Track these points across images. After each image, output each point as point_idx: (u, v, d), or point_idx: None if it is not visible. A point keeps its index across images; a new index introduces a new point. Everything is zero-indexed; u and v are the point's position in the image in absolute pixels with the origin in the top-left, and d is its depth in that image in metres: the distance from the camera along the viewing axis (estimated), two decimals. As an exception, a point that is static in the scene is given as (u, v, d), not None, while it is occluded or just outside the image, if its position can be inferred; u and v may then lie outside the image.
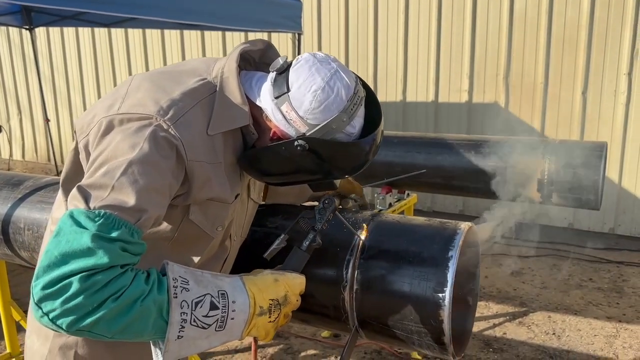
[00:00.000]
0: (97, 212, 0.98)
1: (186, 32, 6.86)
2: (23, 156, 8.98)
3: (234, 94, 1.18)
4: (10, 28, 7.74)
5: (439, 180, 3.06)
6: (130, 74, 7.64)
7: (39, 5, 3.87)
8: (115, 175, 1.02)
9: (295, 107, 1.14)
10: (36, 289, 0.94)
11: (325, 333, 3.32)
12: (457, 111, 5.53)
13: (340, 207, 1.57)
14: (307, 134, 1.15)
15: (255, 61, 1.33)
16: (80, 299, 0.93)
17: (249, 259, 1.48)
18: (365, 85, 1.25)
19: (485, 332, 3.41)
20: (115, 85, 7.81)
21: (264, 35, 6.32)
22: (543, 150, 2.74)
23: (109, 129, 1.10)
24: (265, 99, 1.19)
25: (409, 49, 5.67)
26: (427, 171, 3.04)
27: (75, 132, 1.22)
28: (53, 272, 0.94)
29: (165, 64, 7.27)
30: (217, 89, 1.19)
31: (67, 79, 8.24)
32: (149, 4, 3.79)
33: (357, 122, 1.18)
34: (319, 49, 6.10)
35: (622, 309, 3.73)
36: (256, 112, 1.21)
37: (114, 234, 0.97)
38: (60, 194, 1.27)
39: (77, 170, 1.22)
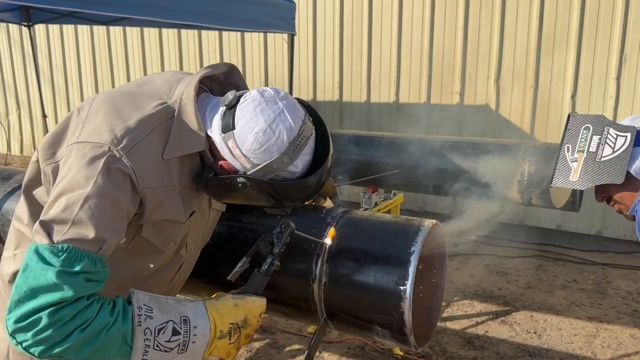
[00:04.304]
0: (60, 246, 1.05)
1: (183, 30, 6.93)
2: (21, 151, 9.04)
3: (191, 120, 1.21)
4: (10, 24, 7.80)
5: (423, 181, 3.13)
6: (128, 71, 7.71)
7: (34, 5, 3.93)
8: (73, 210, 1.08)
9: (239, 145, 1.17)
10: (9, 322, 1.04)
11: (310, 328, 3.39)
12: (448, 113, 5.59)
13: (313, 204, 1.63)
14: (249, 172, 1.20)
15: (220, 81, 1.37)
16: (49, 332, 1.03)
17: (224, 253, 1.57)
18: (316, 120, 1.27)
19: (467, 330, 3.48)
20: (112, 80, 7.87)
21: (259, 36, 6.39)
22: (523, 152, 2.81)
23: (68, 156, 1.16)
24: (215, 130, 1.22)
25: (402, 51, 5.73)
26: (411, 172, 3.12)
27: (38, 149, 1.26)
28: (23, 307, 1.03)
29: (162, 61, 7.33)
30: (176, 114, 1.22)
31: (65, 75, 8.30)
32: (144, 4, 3.86)
33: (301, 162, 1.21)
34: (314, 49, 6.17)
35: (604, 310, 3.80)
36: (210, 139, 1.25)
37: (77, 267, 1.05)
38: (22, 198, 1.33)
39: (38, 181, 1.28)
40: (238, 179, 1.20)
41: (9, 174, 2.05)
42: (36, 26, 6.41)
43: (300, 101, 1.27)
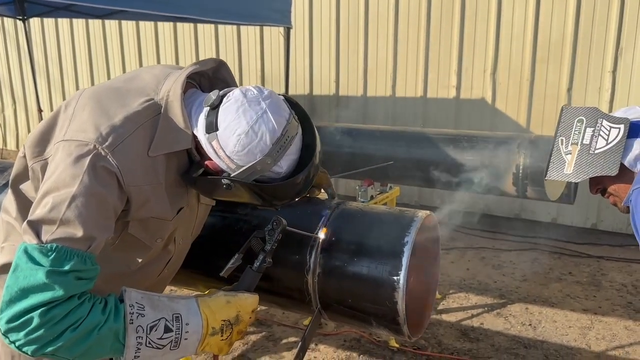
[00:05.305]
0: (49, 246, 1.05)
1: (179, 24, 6.91)
2: (17, 146, 9.02)
3: (177, 118, 1.20)
4: (5, 18, 7.75)
5: (419, 173, 3.14)
6: (123, 64, 7.69)
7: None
8: (61, 210, 1.07)
9: (222, 146, 1.17)
10: (1, 322, 1.04)
11: (307, 321, 3.40)
12: (445, 107, 5.60)
13: (307, 195, 1.63)
14: (233, 174, 1.19)
15: (209, 76, 1.36)
16: (41, 331, 1.03)
17: (218, 245, 1.58)
18: (303, 117, 1.26)
19: (462, 322, 3.50)
20: (108, 74, 7.85)
21: (255, 29, 6.37)
22: (518, 144, 2.82)
23: (55, 154, 1.15)
24: (200, 130, 1.21)
25: (399, 45, 5.73)
26: (407, 164, 3.12)
27: (25, 145, 1.24)
28: (15, 307, 1.03)
29: (158, 54, 7.31)
30: (162, 111, 1.21)
31: (61, 68, 8.27)
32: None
33: (285, 162, 1.20)
34: (310, 43, 6.15)
35: (599, 302, 3.82)
36: (197, 137, 1.23)
37: (67, 267, 1.05)
38: (10, 192, 1.32)
39: (25, 176, 1.28)
40: (222, 181, 1.20)
41: (4, 167, 2.04)
42: (31, 20, 6.37)
43: (286, 98, 1.26)
